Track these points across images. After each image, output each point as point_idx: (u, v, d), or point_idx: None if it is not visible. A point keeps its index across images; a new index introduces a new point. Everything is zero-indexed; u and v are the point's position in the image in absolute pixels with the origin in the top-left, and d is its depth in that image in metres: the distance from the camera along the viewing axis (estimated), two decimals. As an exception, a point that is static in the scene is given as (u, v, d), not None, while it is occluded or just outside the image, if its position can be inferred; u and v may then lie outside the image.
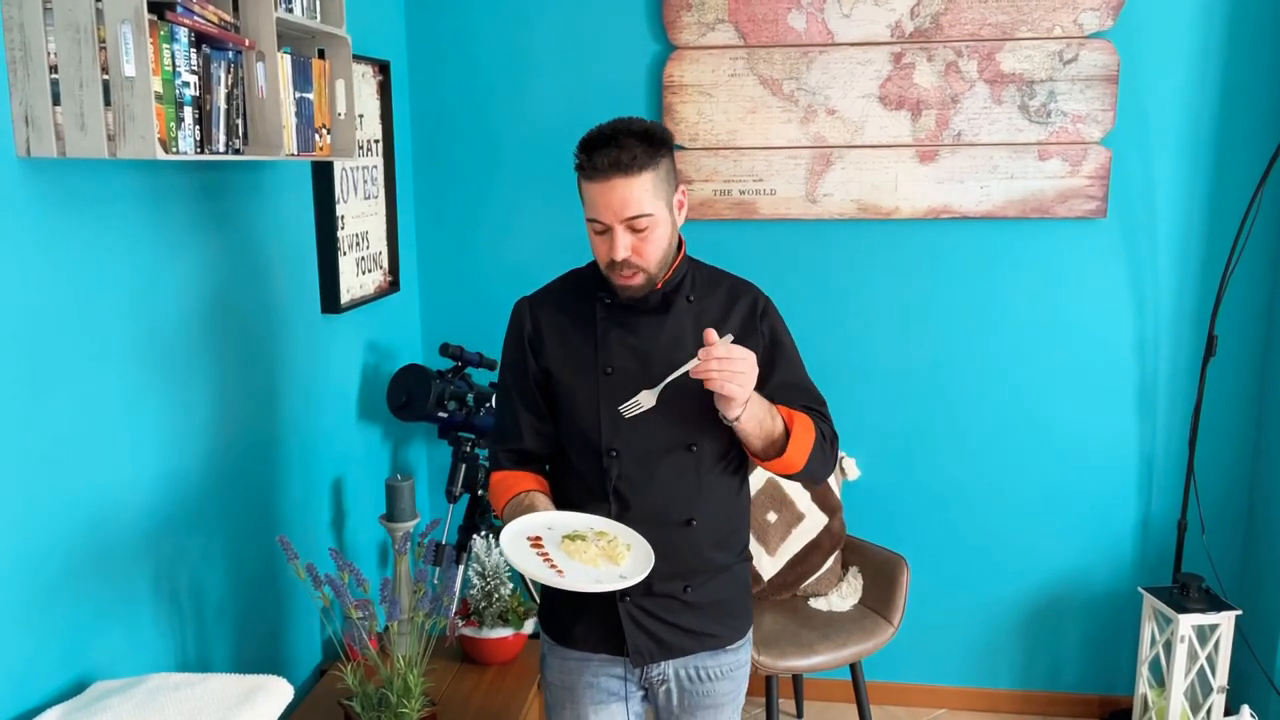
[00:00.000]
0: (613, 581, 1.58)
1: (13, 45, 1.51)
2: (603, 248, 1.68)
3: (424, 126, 3.19)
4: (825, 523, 2.94)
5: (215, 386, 2.12)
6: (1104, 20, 2.86)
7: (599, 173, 1.62)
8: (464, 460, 2.84)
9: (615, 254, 1.65)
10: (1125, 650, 3.18)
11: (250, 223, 2.25)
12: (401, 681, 2.06)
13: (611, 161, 1.61)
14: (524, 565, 1.59)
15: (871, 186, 3.02)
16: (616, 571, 1.60)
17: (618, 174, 1.61)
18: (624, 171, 1.61)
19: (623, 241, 1.65)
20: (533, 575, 1.58)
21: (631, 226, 1.65)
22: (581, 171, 1.66)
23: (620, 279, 1.69)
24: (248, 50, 1.80)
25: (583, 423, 1.76)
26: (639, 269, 1.68)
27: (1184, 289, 2.99)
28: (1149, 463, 3.10)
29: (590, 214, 1.67)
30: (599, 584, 1.57)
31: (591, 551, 1.62)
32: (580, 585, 1.57)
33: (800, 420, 1.73)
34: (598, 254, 1.72)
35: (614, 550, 1.63)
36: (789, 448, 1.70)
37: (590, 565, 1.61)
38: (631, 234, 1.65)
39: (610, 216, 1.64)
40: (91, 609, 1.76)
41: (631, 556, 1.64)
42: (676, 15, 2.99)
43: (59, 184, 1.65)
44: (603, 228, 1.66)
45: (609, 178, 1.62)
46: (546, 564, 1.60)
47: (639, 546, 1.65)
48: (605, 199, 1.63)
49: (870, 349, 3.14)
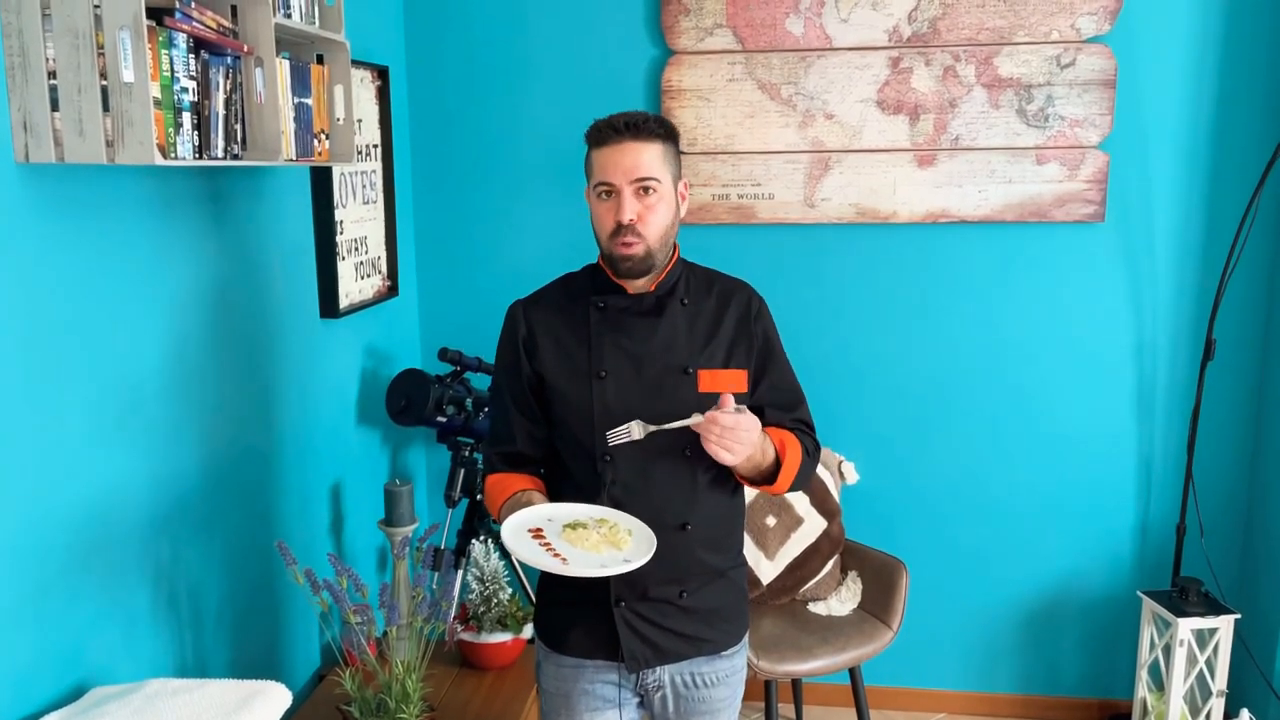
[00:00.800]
0: (617, 565, 1.58)
1: (11, 51, 1.51)
2: (608, 215, 1.70)
3: (422, 131, 3.20)
4: (824, 527, 2.94)
5: (214, 391, 2.12)
6: (1101, 25, 2.86)
7: (615, 134, 1.67)
8: (463, 465, 2.84)
9: (622, 215, 1.67)
10: (1124, 654, 3.18)
11: (249, 228, 2.26)
12: (400, 687, 2.05)
13: (628, 124, 1.67)
14: (527, 555, 1.59)
15: (870, 191, 3.02)
16: (620, 556, 1.61)
17: (631, 138, 1.67)
18: (636, 136, 1.67)
19: (630, 205, 1.67)
20: (536, 564, 1.58)
21: (640, 189, 1.68)
22: (595, 138, 1.70)
23: (621, 248, 1.69)
24: (246, 56, 1.80)
25: (576, 426, 1.76)
26: (641, 238, 1.69)
27: (1182, 292, 3.00)
28: (1148, 466, 3.10)
29: (599, 178, 1.69)
30: (604, 568, 1.58)
31: (594, 538, 1.63)
32: (585, 571, 1.57)
33: (790, 447, 1.74)
34: (601, 224, 1.72)
35: (616, 536, 1.64)
36: (779, 478, 1.73)
37: (593, 551, 1.61)
38: (638, 200, 1.68)
39: (620, 177, 1.67)
40: (90, 614, 1.76)
41: (634, 541, 1.64)
42: (674, 20, 3.00)
43: (57, 190, 1.65)
44: (609, 190, 1.68)
45: (622, 140, 1.67)
46: (549, 553, 1.61)
47: (640, 531, 1.66)
48: (616, 160, 1.67)
49: (869, 353, 3.14)
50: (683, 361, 1.74)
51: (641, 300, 1.77)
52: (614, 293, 1.78)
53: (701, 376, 1.73)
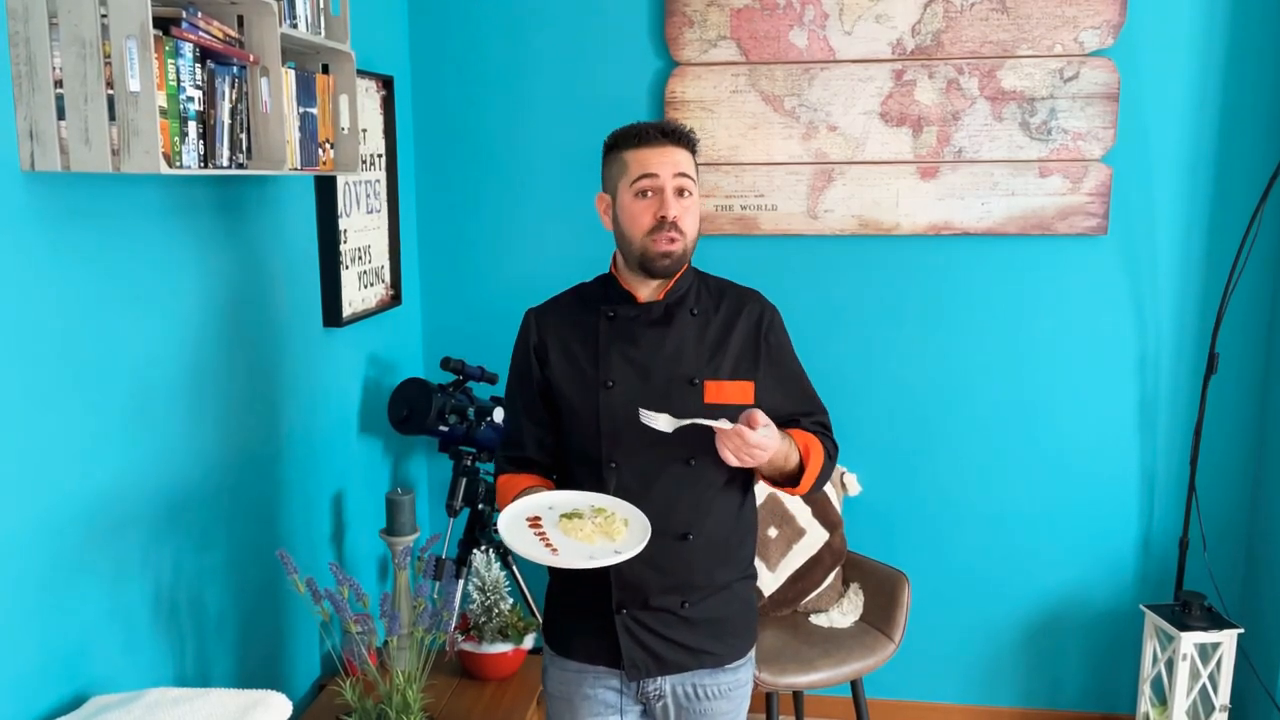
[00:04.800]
0: (606, 556, 1.59)
1: (18, 60, 1.52)
2: (646, 212, 1.71)
3: (427, 141, 3.21)
4: (826, 538, 2.94)
5: (217, 400, 2.12)
6: (1105, 38, 2.87)
7: (663, 137, 1.72)
8: (464, 474, 2.84)
9: (667, 210, 1.70)
10: (1127, 668, 3.17)
11: (253, 237, 2.26)
12: (400, 697, 2.05)
13: (665, 131, 1.73)
14: (519, 546, 1.60)
15: (872, 203, 3.02)
16: (611, 547, 1.61)
17: (671, 142, 1.72)
18: (676, 141, 1.73)
19: (674, 201, 1.71)
20: (527, 555, 1.59)
21: (679, 191, 1.71)
22: (636, 139, 1.73)
23: (664, 244, 1.71)
24: (252, 65, 1.81)
25: (583, 434, 1.77)
26: (681, 235, 1.72)
27: (1185, 306, 3.00)
28: (1150, 480, 3.09)
29: (643, 170, 1.71)
30: (592, 560, 1.58)
31: (588, 529, 1.63)
32: (574, 562, 1.58)
33: (814, 450, 1.76)
34: (638, 222, 1.72)
35: (610, 526, 1.64)
36: (803, 480, 1.74)
37: (586, 542, 1.61)
38: (677, 200, 1.71)
39: (665, 171, 1.70)
40: (91, 621, 1.76)
41: (628, 531, 1.64)
42: (679, 32, 3.01)
43: (63, 198, 1.65)
44: (654, 186, 1.70)
45: (664, 144, 1.72)
46: (542, 543, 1.62)
47: (636, 521, 1.66)
48: (660, 158, 1.71)
49: (870, 365, 3.14)
50: (690, 372, 1.75)
51: (650, 309, 1.77)
52: (624, 301, 1.79)
53: (708, 388, 1.74)
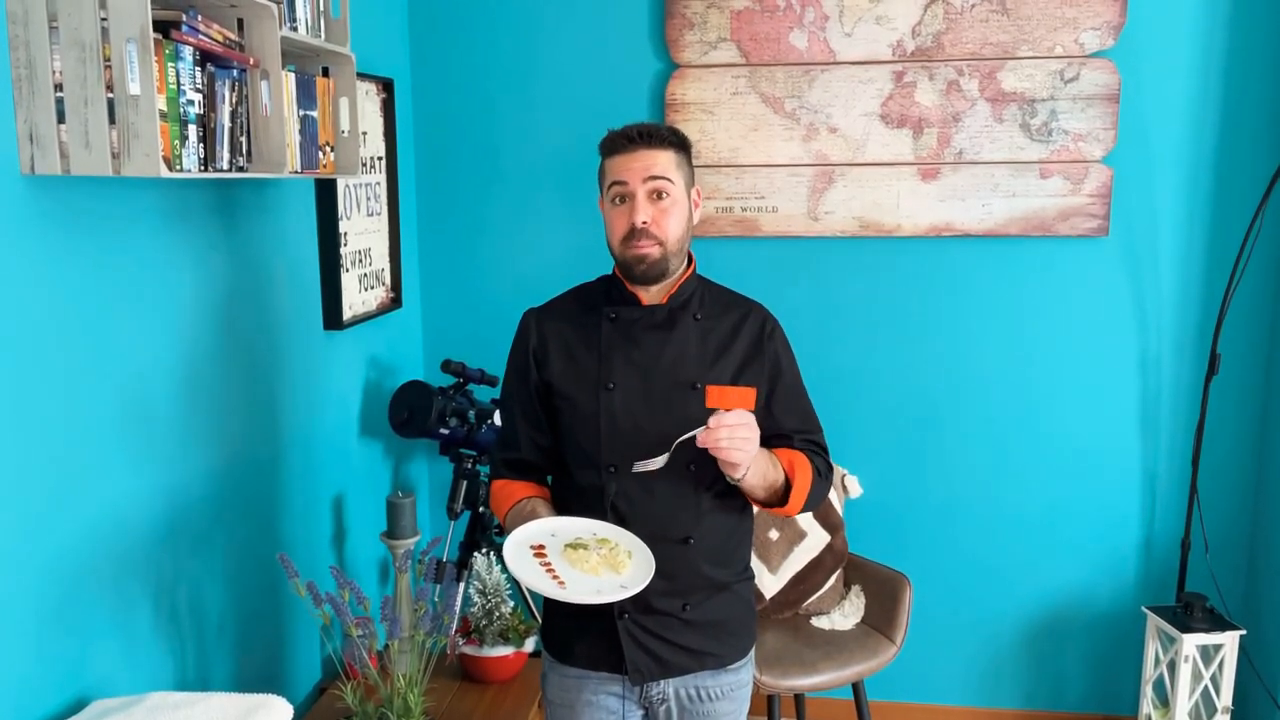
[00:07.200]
0: (613, 591, 1.58)
1: (18, 63, 1.52)
2: (621, 219, 1.71)
3: (427, 143, 3.21)
4: (827, 540, 2.94)
5: (217, 403, 2.12)
6: (1105, 40, 2.87)
7: (629, 142, 1.70)
8: (465, 477, 2.84)
9: (635, 217, 1.68)
10: (1129, 670, 3.16)
11: (253, 240, 2.26)
12: (401, 700, 2.05)
13: (641, 133, 1.71)
14: (528, 579, 1.59)
15: (873, 204, 3.02)
16: (617, 581, 1.60)
17: (644, 145, 1.70)
18: (650, 144, 1.70)
19: (644, 208, 1.69)
20: (534, 588, 1.58)
21: (653, 193, 1.69)
22: (609, 146, 1.72)
23: (636, 249, 1.70)
24: (252, 69, 1.81)
25: (582, 437, 1.76)
26: (655, 240, 1.70)
27: (1186, 306, 2.99)
28: (1152, 481, 3.09)
29: (612, 178, 1.71)
30: (599, 595, 1.57)
31: (593, 560, 1.62)
32: (581, 598, 1.57)
33: (800, 468, 1.74)
34: (615, 229, 1.72)
35: (615, 558, 1.63)
36: (791, 498, 1.73)
37: (591, 574, 1.60)
38: (651, 205, 1.69)
39: (633, 177, 1.69)
40: (91, 626, 1.76)
41: (632, 564, 1.63)
42: (679, 34, 3.01)
43: (63, 201, 1.65)
44: (624, 193, 1.70)
45: (636, 148, 1.70)
46: (549, 574, 1.60)
47: (640, 554, 1.64)
48: (628, 164, 1.70)
49: (872, 366, 3.13)
50: (691, 376, 1.74)
51: (654, 312, 1.77)
52: (627, 304, 1.78)
53: (710, 392, 1.73)
